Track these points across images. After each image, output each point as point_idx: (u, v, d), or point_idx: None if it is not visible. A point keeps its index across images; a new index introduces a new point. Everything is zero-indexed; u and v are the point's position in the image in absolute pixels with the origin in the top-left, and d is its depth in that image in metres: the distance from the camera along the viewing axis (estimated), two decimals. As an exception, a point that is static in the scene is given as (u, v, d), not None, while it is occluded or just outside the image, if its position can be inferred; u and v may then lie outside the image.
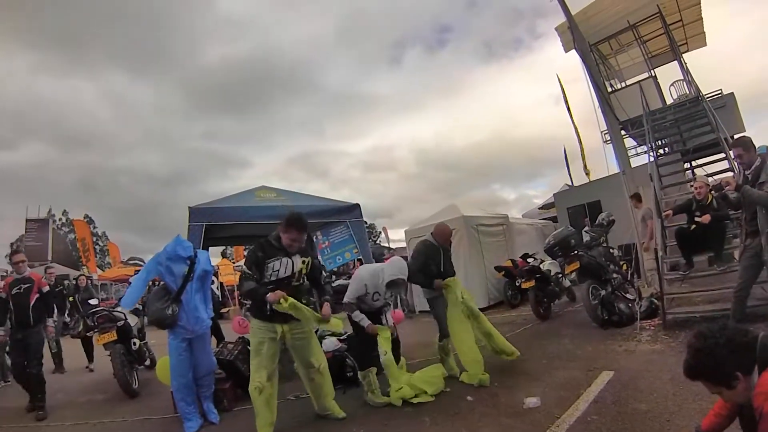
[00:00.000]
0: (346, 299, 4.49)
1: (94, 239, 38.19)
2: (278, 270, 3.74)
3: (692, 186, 6.41)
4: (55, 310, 6.30)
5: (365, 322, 4.38)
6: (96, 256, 30.69)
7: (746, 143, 4.52)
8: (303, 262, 3.90)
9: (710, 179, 8.14)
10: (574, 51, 11.26)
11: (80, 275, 9.96)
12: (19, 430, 4.57)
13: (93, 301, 7.47)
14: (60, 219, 44.12)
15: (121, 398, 5.42)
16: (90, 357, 7.68)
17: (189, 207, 5.41)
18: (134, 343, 6.05)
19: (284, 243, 3.77)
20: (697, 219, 5.95)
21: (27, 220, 22.40)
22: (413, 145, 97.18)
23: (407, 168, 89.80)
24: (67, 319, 8.56)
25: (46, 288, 5.62)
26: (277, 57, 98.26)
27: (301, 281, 3.95)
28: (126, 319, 6.01)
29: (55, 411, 5.22)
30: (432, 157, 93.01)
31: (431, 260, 4.94)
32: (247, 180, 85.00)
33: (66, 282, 18.47)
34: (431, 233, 5.13)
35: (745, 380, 1.67)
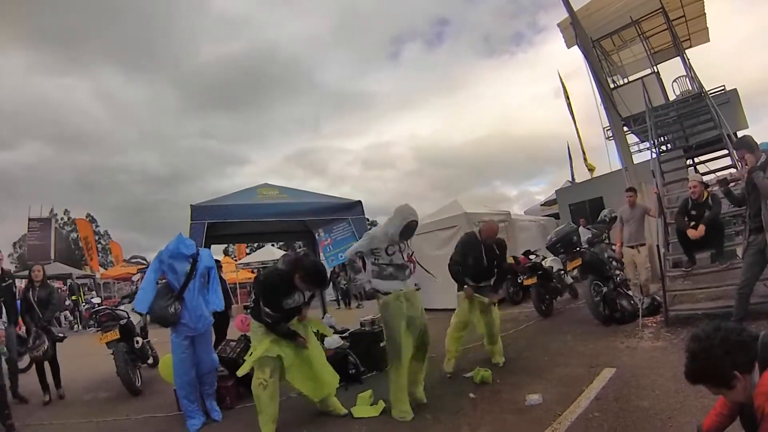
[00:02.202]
0: (347, 255, 4.19)
1: (96, 238, 38.29)
2: (288, 303, 3.80)
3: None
4: (3, 314, 5.18)
5: (366, 282, 4.09)
6: (98, 255, 30.76)
7: (749, 144, 4.51)
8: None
9: (712, 175, 8.13)
10: (576, 47, 11.26)
11: (34, 265, 6.35)
12: (23, 428, 4.58)
13: (95, 300, 7.41)
14: (62, 218, 44.27)
15: (125, 396, 5.45)
16: (45, 386, 5.68)
17: (191, 205, 5.41)
18: (137, 342, 6.06)
19: (297, 284, 3.73)
20: (690, 235, 5.85)
21: (29, 219, 22.47)
22: (412, 142, 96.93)
23: (406, 165, 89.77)
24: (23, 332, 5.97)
25: None
26: (274, 54, 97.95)
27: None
28: (129, 317, 6.03)
29: (59, 409, 5.26)
30: (431, 154, 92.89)
31: (469, 252, 4.95)
32: (245, 178, 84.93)
33: (69, 282, 18.67)
34: (479, 227, 5.19)
35: (744, 379, 1.66)
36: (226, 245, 30.14)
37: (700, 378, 1.79)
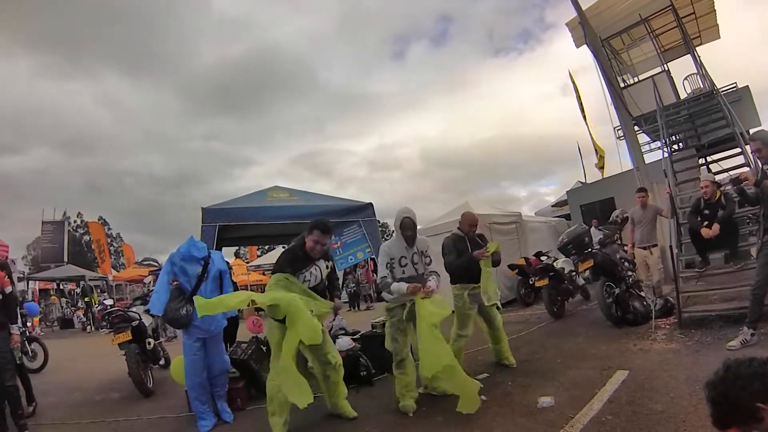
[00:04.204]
0: (379, 279, 4.25)
1: (109, 240, 38.69)
2: (309, 280, 3.85)
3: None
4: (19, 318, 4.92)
5: (403, 286, 3.96)
6: (111, 257, 31.06)
7: (765, 137, 4.44)
8: (326, 266, 4.02)
9: (725, 174, 8.03)
10: (585, 46, 11.20)
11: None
12: (35, 428, 4.62)
13: (108, 302, 7.46)
14: (75, 221, 44.79)
15: (137, 397, 5.48)
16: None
17: (202, 208, 5.45)
18: (149, 343, 6.10)
19: (307, 247, 3.82)
20: (705, 234, 5.79)
21: (43, 222, 22.78)
22: (419, 143, 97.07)
23: (413, 166, 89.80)
24: None
25: (9, 288, 4.70)
26: (277, 54, 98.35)
27: (325, 283, 4.09)
28: (141, 319, 6.08)
29: (73, 409, 5.30)
30: (439, 155, 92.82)
31: (462, 250, 4.85)
32: (252, 180, 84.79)
33: (82, 283, 18.86)
34: (458, 225, 5.11)
35: None
36: (237, 247, 30.38)
37: (729, 422, 1.76)
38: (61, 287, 22.32)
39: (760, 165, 4.56)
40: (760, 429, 1.72)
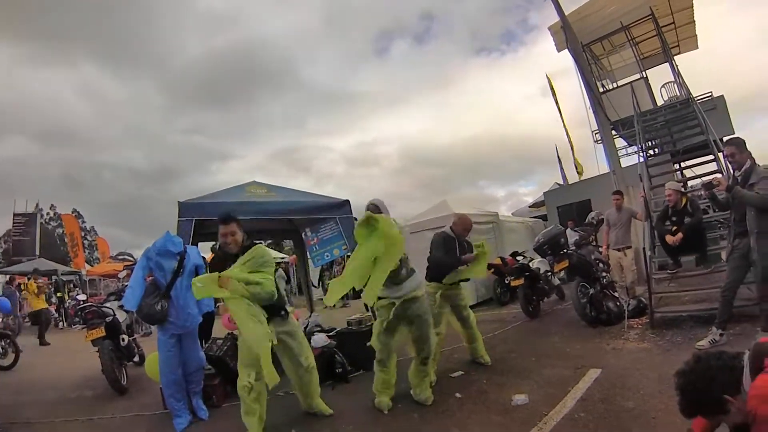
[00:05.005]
0: None
1: (83, 234, 37.86)
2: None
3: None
4: None
5: None
6: (85, 251, 30.37)
7: (739, 143, 4.55)
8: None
9: (698, 180, 8.23)
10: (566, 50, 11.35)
11: None
12: (9, 427, 4.51)
13: (81, 297, 7.32)
14: (48, 213, 43.74)
15: (111, 394, 5.38)
16: None
17: (179, 202, 5.37)
18: (123, 339, 6.00)
19: (220, 243, 3.73)
20: (669, 241, 5.95)
21: (14, 215, 22.18)
22: (399, 141, 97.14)
23: (393, 164, 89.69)
24: None
25: None
26: (260, 50, 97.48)
27: None
28: (115, 315, 5.96)
29: (46, 407, 5.18)
30: (418, 153, 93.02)
31: (450, 250, 4.85)
32: (229, 174, 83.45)
33: (54, 278, 18.43)
34: (451, 225, 5.07)
35: (736, 400, 1.68)
36: (213, 243, 29.98)
37: (695, 410, 1.82)
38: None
39: (732, 170, 4.68)
40: (727, 420, 1.79)
